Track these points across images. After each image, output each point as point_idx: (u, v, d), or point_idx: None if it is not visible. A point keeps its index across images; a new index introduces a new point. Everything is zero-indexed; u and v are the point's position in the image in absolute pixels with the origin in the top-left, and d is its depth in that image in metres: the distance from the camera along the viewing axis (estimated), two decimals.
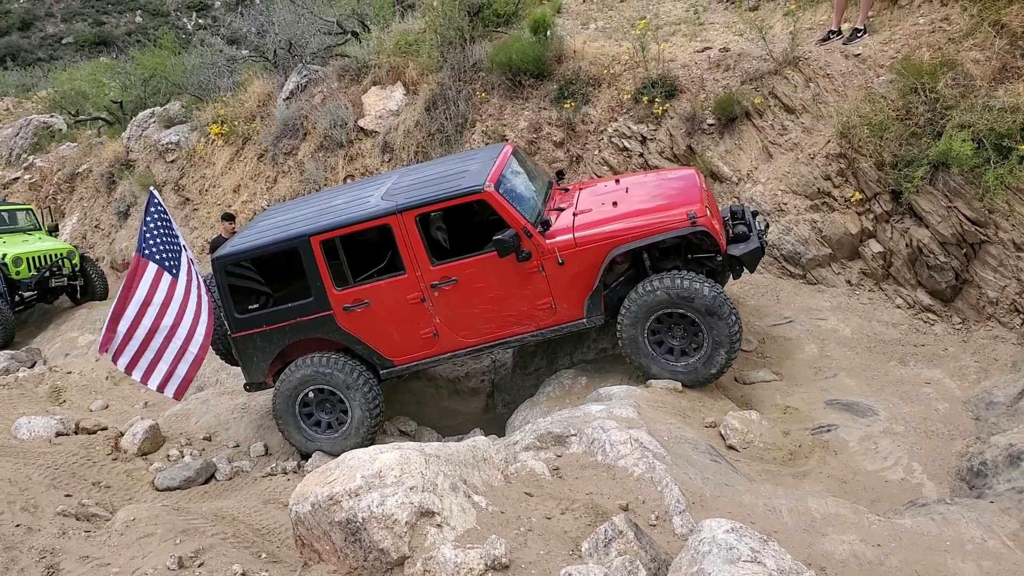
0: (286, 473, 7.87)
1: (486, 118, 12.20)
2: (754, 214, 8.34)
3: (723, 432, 6.88)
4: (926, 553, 5.03)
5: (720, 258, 7.59)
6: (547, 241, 7.45)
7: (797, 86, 9.75)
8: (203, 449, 8.57)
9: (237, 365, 8.71)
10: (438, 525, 4.45)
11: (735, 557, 3.76)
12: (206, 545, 5.44)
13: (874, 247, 8.79)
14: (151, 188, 8.44)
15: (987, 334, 8.03)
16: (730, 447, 6.75)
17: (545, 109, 11.75)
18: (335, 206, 8.15)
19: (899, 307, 8.59)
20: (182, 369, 7.75)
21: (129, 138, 17.38)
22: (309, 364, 7.98)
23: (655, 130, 10.71)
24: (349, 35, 16.00)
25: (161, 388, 7.78)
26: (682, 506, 5.20)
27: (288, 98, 14.71)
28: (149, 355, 7.71)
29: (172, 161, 16.07)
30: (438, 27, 12.98)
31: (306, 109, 14.24)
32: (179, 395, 7.86)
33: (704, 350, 7.33)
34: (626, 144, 10.83)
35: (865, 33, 9.75)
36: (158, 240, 7.80)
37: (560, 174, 9.27)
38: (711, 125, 10.22)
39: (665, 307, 7.28)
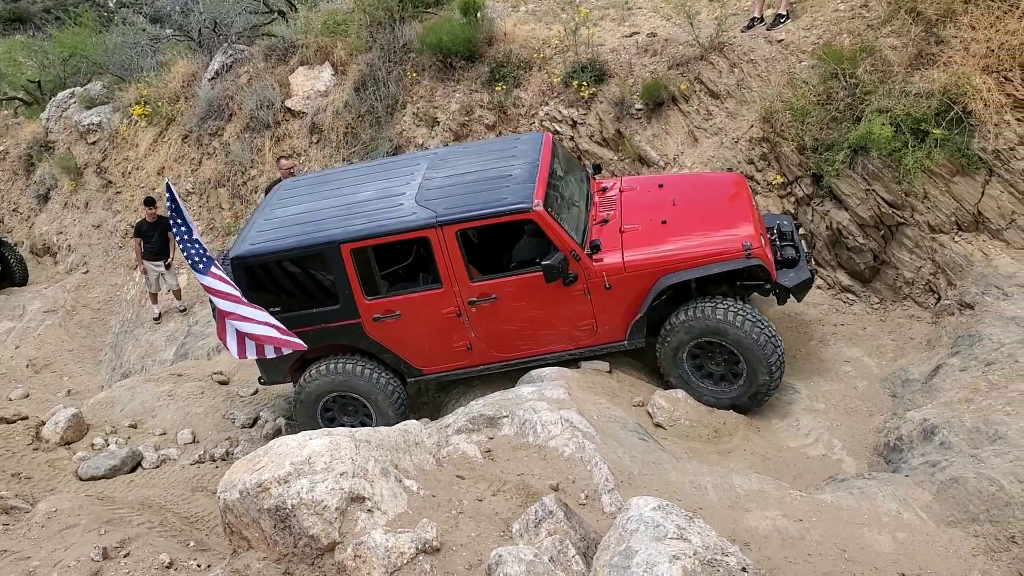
0: (214, 460, 7.79)
1: (417, 100, 12.13)
2: (796, 226, 8.19)
3: (651, 411, 7.01)
4: (845, 527, 5.20)
5: (769, 286, 7.45)
6: (595, 264, 7.18)
7: (722, 71, 9.90)
8: (129, 437, 8.41)
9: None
10: (369, 510, 4.45)
11: (662, 535, 3.84)
12: (132, 535, 5.37)
13: None
14: (167, 182, 7.91)
15: (903, 313, 8.30)
16: (657, 425, 6.89)
17: (476, 91, 11.72)
18: (362, 202, 7.67)
19: (819, 288, 8.82)
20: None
21: (48, 119, 16.81)
22: (333, 371, 7.70)
23: (585, 114, 10.77)
24: (276, 14, 15.71)
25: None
26: (611, 485, 5.29)
27: (213, 78, 14.39)
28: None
29: (94, 143, 15.62)
30: (367, 7, 12.81)
31: (232, 90, 13.96)
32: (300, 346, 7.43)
33: (744, 378, 7.22)
34: (557, 128, 10.88)
35: (788, 18, 9.94)
36: (188, 244, 7.34)
37: (597, 168, 8.85)
38: (639, 110, 10.32)
39: (705, 336, 7.14)
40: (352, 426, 7.65)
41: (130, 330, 12.52)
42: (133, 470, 7.79)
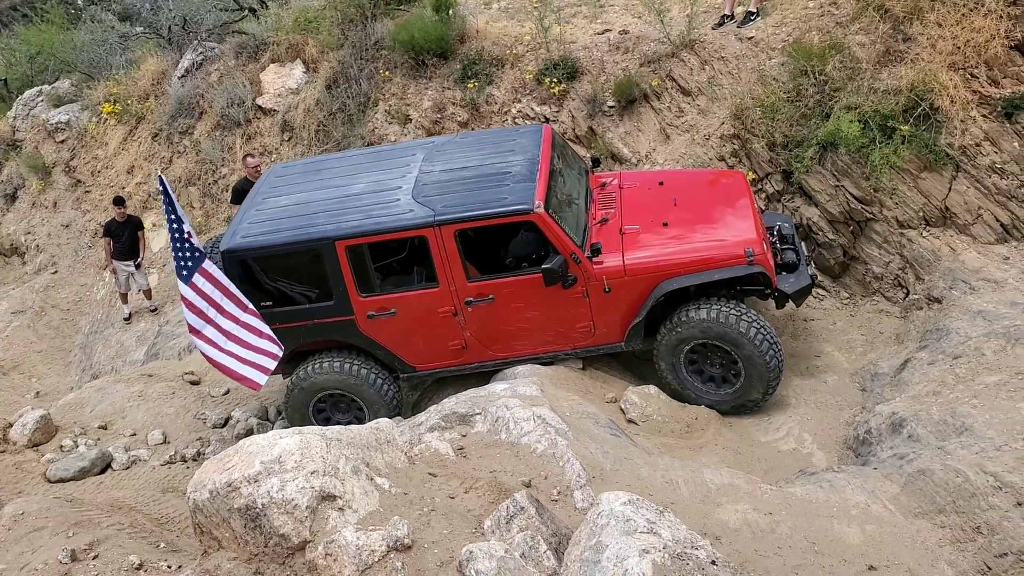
0: (185, 461, 7.73)
1: (389, 97, 12.09)
2: (796, 227, 8.16)
3: (623, 407, 7.04)
4: (815, 519, 5.25)
5: (769, 291, 7.40)
6: (595, 267, 7.12)
7: (693, 69, 9.94)
8: (99, 439, 8.31)
9: None
10: (340, 508, 4.43)
11: (632, 529, 3.85)
12: (101, 537, 5.33)
13: None
14: (159, 174, 7.68)
15: (873, 308, 8.38)
16: (630, 421, 6.92)
17: (449, 89, 11.70)
18: (357, 195, 7.55)
19: None
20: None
21: (15, 117, 16.59)
22: (325, 370, 7.60)
23: (557, 112, 10.78)
24: (246, 11, 15.60)
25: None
26: (583, 480, 5.31)
27: (183, 76, 14.26)
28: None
29: (62, 141, 15.43)
30: (338, 4, 12.76)
31: (202, 87, 13.84)
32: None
33: (741, 381, 7.21)
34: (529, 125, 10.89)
35: (758, 16, 9.99)
36: (177, 244, 7.14)
37: (596, 161, 8.78)
38: (611, 107, 10.34)
39: (718, 340, 7.10)
40: (346, 422, 7.66)
41: (100, 330, 12.40)
42: (103, 471, 7.71)
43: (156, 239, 13.06)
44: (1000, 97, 8.00)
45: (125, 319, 12.23)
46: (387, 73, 12.11)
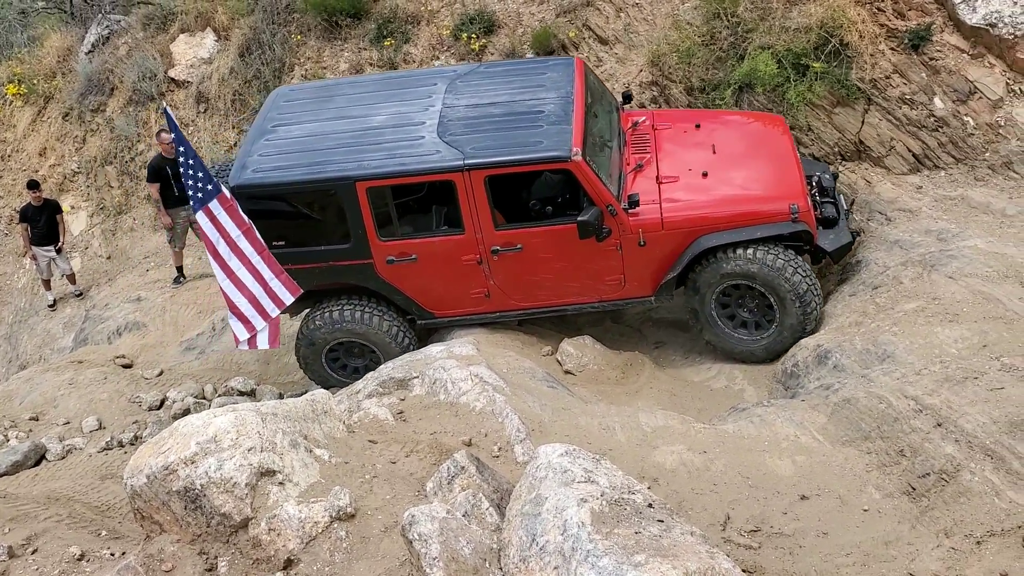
0: (123, 446, 7.61)
1: (304, 61, 11.90)
2: (834, 177, 7.85)
3: (560, 359, 7.13)
4: (747, 455, 5.40)
5: (807, 248, 7.12)
6: (631, 220, 6.78)
7: (609, 17, 9.95)
8: (30, 430, 8.13)
9: None
10: (280, 483, 4.43)
11: (570, 479, 3.92)
12: (39, 530, 5.25)
13: None
14: (165, 107, 7.24)
15: None
16: (567, 372, 7.01)
17: (365, 49, 11.56)
18: (377, 130, 7.11)
19: None
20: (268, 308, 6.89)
21: None
22: (339, 318, 7.30)
23: None
24: None
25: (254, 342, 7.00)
26: (522, 434, 5.38)
27: (90, 51, 13.82)
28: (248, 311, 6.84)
29: None
30: None
31: (111, 62, 13.42)
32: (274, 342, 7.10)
33: (775, 329, 7.05)
34: None
35: None
36: (194, 176, 6.60)
37: (627, 97, 8.17)
38: None
39: (743, 279, 6.87)
40: (359, 367, 7.54)
41: (24, 320, 12.08)
42: (37, 463, 7.54)
43: (76, 221, 12.71)
44: (906, 29, 8.17)
45: (49, 306, 11.93)
46: (300, 37, 11.90)
